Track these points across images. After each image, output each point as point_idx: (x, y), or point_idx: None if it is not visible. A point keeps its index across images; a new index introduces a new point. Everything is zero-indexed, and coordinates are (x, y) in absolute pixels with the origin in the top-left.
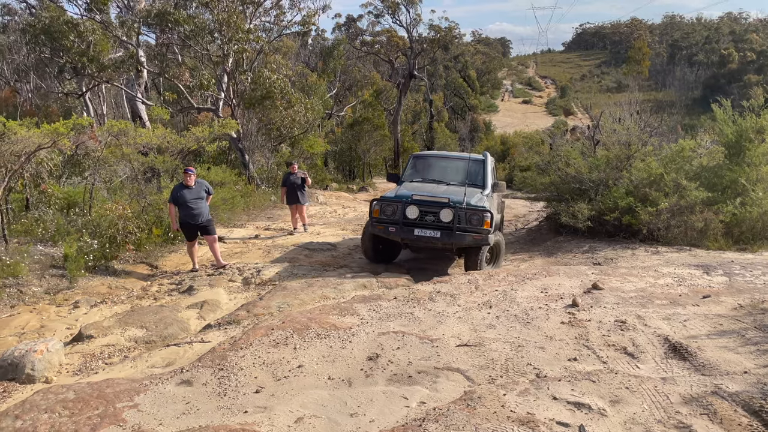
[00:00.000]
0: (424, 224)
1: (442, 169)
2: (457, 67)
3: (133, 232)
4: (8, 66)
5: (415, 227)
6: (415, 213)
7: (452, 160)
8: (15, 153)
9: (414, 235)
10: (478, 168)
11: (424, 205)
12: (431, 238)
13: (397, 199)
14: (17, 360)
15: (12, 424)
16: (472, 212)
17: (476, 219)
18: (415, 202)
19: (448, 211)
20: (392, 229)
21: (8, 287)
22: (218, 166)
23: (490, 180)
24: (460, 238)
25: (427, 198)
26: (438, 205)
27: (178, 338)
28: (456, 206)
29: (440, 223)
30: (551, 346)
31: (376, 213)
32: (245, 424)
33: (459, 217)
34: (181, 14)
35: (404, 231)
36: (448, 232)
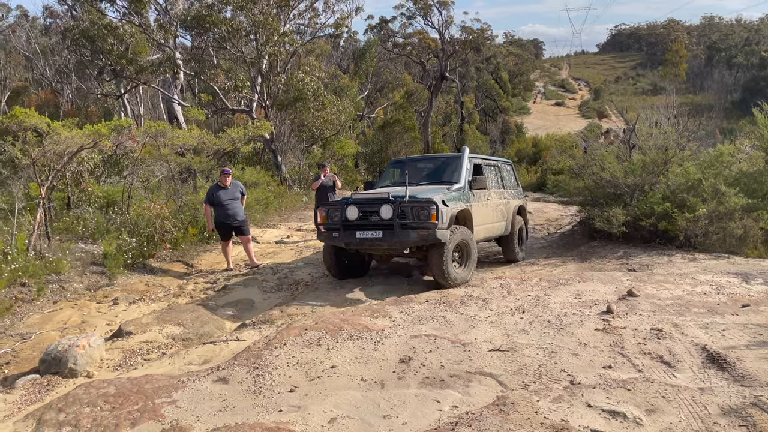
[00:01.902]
0: (365, 225)
1: (418, 171)
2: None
3: (170, 231)
4: (50, 67)
5: (357, 229)
6: (355, 213)
7: (429, 161)
8: (58, 153)
9: (356, 238)
10: (454, 165)
11: (365, 204)
12: (374, 239)
13: (339, 203)
14: (60, 354)
15: (55, 416)
16: (415, 206)
17: (420, 213)
18: (354, 201)
19: (388, 207)
20: (336, 234)
21: (51, 283)
22: (252, 167)
23: (464, 175)
24: (404, 236)
25: (366, 196)
26: (377, 202)
27: (214, 336)
28: (396, 201)
29: (382, 221)
30: (585, 352)
31: (323, 219)
32: (280, 422)
33: (401, 213)
34: (218, 17)
35: (347, 235)
36: (390, 231)
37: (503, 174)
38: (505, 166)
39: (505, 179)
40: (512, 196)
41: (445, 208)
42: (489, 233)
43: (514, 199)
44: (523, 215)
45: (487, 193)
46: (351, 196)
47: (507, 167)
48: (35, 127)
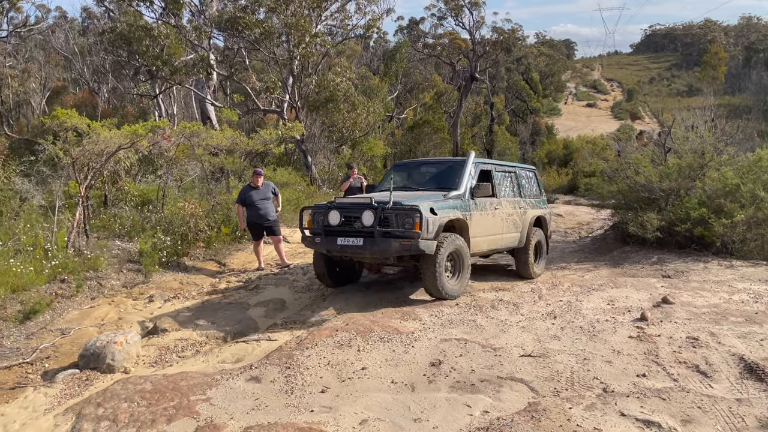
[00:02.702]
0: (348, 231)
1: (420, 175)
2: (520, 69)
3: (203, 230)
4: (88, 67)
5: (338, 235)
6: (337, 218)
7: (433, 165)
8: (97, 152)
9: (337, 245)
10: (457, 170)
11: (347, 209)
12: (355, 247)
13: (323, 206)
14: (99, 350)
15: (94, 411)
16: (397, 213)
17: (404, 221)
18: (336, 206)
19: (370, 213)
20: (318, 239)
21: (89, 280)
22: (283, 168)
23: (466, 181)
24: (385, 245)
25: (350, 200)
26: (359, 207)
27: (246, 335)
28: (379, 207)
29: (364, 228)
30: (619, 360)
31: (309, 223)
32: (312, 423)
33: (383, 220)
34: (251, 19)
35: (328, 241)
36: (372, 239)
37: (521, 181)
38: (524, 173)
39: (524, 187)
40: (531, 206)
41: (431, 217)
42: (495, 245)
43: (534, 208)
44: (543, 227)
45: (494, 202)
46: (335, 199)
47: (527, 173)
48: (75, 127)
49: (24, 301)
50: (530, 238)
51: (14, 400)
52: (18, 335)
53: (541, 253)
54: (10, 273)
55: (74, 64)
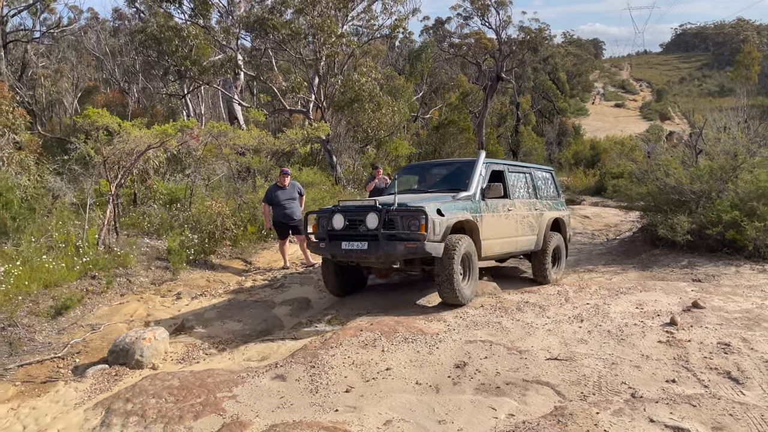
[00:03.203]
0: (352, 235)
1: (432, 177)
2: (547, 69)
3: (230, 228)
4: (118, 68)
5: (342, 239)
6: (341, 222)
7: (443, 166)
8: (127, 151)
9: (342, 249)
10: (467, 171)
11: (351, 212)
12: (360, 251)
13: (329, 209)
14: (128, 346)
15: (123, 406)
16: (402, 215)
17: (410, 223)
18: (341, 209)
19: (374, 216)
20: (323, 244)
21: (119, 276)
22: (308, 168)
23: (476, 182)
24: (390, 248)
25: (354, 203)
26: (364, 210)
27: (272, 333)
28: (383, 209)
29: (368, 231)
30: (647, 365)
31: (314, 228)
32: (336, 422)
33: (388, 222)
34: (278, 20)
35: (332, 245)
36: (376, 242)
37: (537, 182)
38: (539, 173)
39: (540, 188)
40: (547, 207)
41: (438, 218)
42: (509, 248)
43: (551, 210)
44: (562, 230)
45: (507, 203)
46: (339, 203)
47: (543, 174)
48: (107, 126)
49: (56, 296)
50: (548, 241)
51: (45, 394)
52: (50, 330)
53: (559, 259)
54: (43, 269)
55: (105, 64)
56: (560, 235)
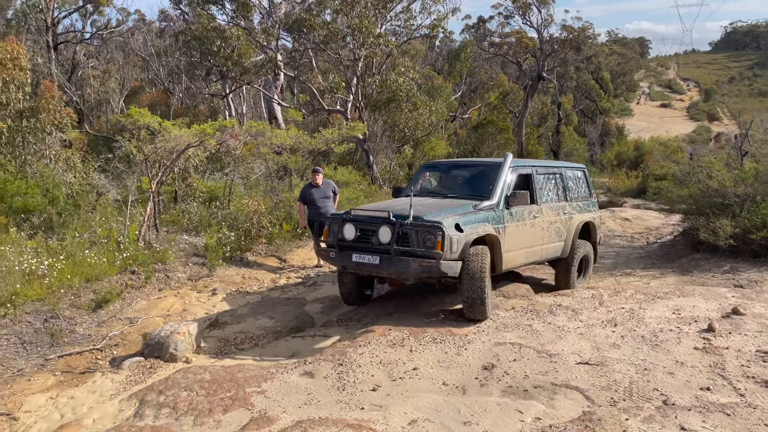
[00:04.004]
0: (364, 247)
1: (451, 179)
2: (590, 68)
3: (266, 226)
4: (163, 68)
5: (353, 251)
6: (353, 233)
7: (465, 168)
8: (168, 150)
9: (352, 262)
10: (490, 175)
11: (363, 221)
12: (371, 265)
13: (340, 216)
14: (163, 340)
15: (156, 398)
16: (418, 229)
17: (425, 238)
18: (352, 218)
19: (387, 229)
20: (333, 254)
21: (157, 272)
22: (344, 167)
23: (500, 189)
24: (402, 265)
25: (366, 212)
26: (377, 221)
27: (303, 330)
28: (397, 222)
29: (381, 245)
30: (681, 372)
31: (325, 234)
32: (361, 420)
33: (402, 236)
34: (316, 20)
35: (343, 256)
36: (388, 257)
37: (568, 183)
38: (571, 173)
39: (570, 189)
40: (578, 210)
41: (456, 235)
42: (533, 257)
43: (581, 213)
44: (592, 234)
45: (533, 209)
46: (351, 210)
47: (575, 173)
48: (148, 125)
49: (97, 290)
50: (575, 248)
51: (83, 384)
52: (90, 323)
53: (586, 268)
54: (85, 263)
55: (151, 64)
56: (589, 243)
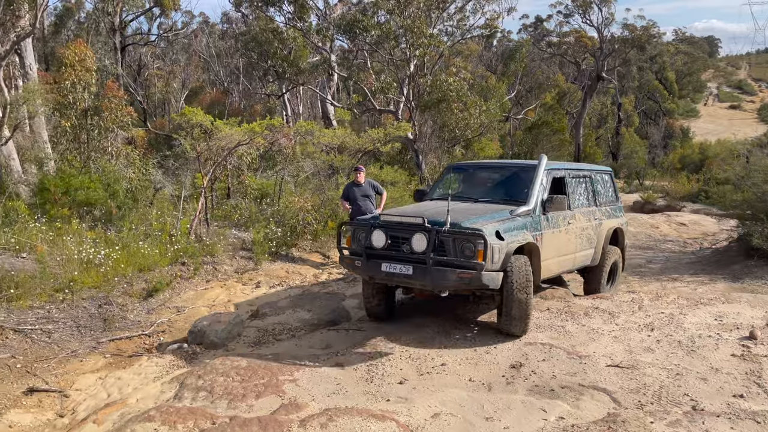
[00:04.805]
0: (395, 256)
1: (480, 182)
2: (654, 68)
3: (311, 223)
4: (223, 69)
5: (383, 260)
6: (382, 240)
7: (495, 170)
8: (220, 147)
9: (382, 272)
10: (525, 178)
11: (394, 228)
12: (403, 275)
13: (367, 222)
14: (205, 328)
15: (195, 382)
16: (457, 237)
17: (463, 247)
18: (382, 224)
19: (422, 237)
20: (359, 262)
21: (206, 264)
22: (391, 166)
23: (536, 194)
24: (440, 276)
25: (397, 218)
26: (410, 228)
27: (338, 324)
28: (434, 228)
29: (414, 254)
30: (715, 378)
31: (348, 242)
32: (386, 411)
33: (438, 245)
34: (369, 21)
35: (370, 266)
36: (423, 267)
37: (597, 187)
38: (600, 176)
39: (599, 194)
40: (606, 215)
41: (497, 243)
42: (566, 267)
43: (609, 218)
44: (620, 240)
45: (567, 215)
46: (380, 215)
47: (603, 177)
48: (201, 124)
49: (148, 279)
50: (605, 255)
51: (130, 366)
52: (140, 310)
53: (614, 276)
54: (139, 254)
55: (212, 66)
56: (618, 249)
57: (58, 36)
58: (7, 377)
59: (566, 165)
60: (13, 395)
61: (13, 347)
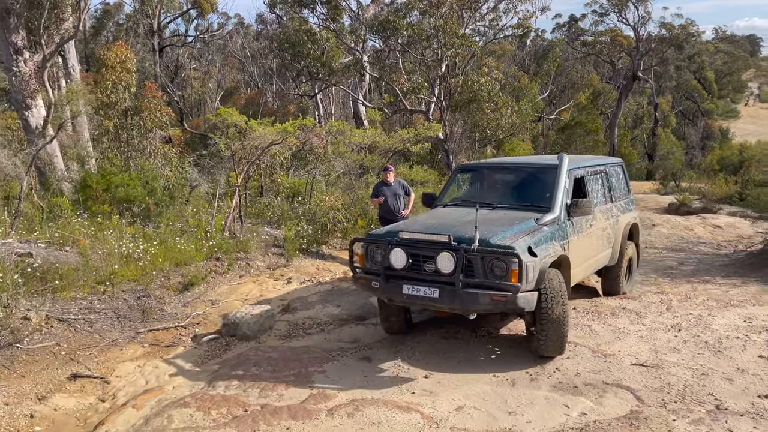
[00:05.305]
0: (417, 277)
1: (494, 184)
2: (692, 67)
3: (341, 221)
4: (258, 70)
5: (404, 282)
6: (403, 260)
7: (511, 170)
8: (254, 147)
9: (403, 294)
10: (545, 180)
11: (416, 246)
12: (428, 299)
13: (382, 238)
14: (238, 321)
15: (228, 371)
16: (487, 256)
17: (494, 266)
18: (402, 242)
19: (449, 257)
20: (376, 283)
21: (239, 260)
22: (421, 166)
23: (561, 198)
24: (470, 300)
25: (418, 235)
26: (434, 246)
27: (366, 319)
28: (461, 246)
29: (440, 274)
30: (741, 379)
31: (361, 260)
32: (411, 403)
33: (466, 265)
34: (402, 22)
35: (390, 287)
36: (451, 289)
37: (612, 181)
38: (613, 170)
39: (614, 189)
40: (621, 210)
41: (531, 261)
42: (590, 271)
43: (624, 213)
44: (635, 236)
45: (589, 217)
46: (398, 229)
47: (616, 170)
48: (235, 124)
49: (184, 274)
50: (624, 253)
51: (167, 356)
52: (177, 303)
53: (630, 272)
54: (176, 249)
55: (246, 66)
56: (633, 244)
57: (98, 37)
58: (52, 363)
59: (584, 162)
60: (58, 380)
61: (58, 335)
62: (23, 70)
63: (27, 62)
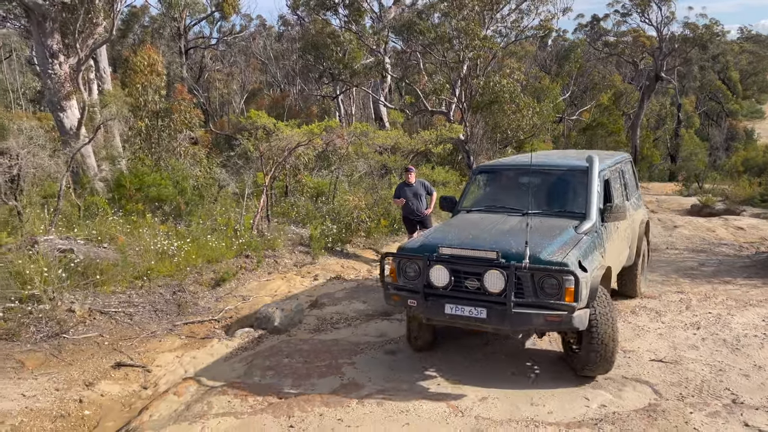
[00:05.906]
0: (460, 295)
1: (517, 187)
2: (716, 68)
3: (365, 221)
4: (280, 71)
5: (446, 300)
6: (446, 277)
7: (537, 173)
8: (281, 148)
9: (445, 314)
10: (575, 183)
11: (459, 262)
12: (474, 319)
13: (418, 253)
14: (270, 315)
15: (262, 362)
16: (537, 273)
17: (545, 284)
18: (442, 258)
19: (498, 275)
20: (412, 302)
21: (267, 257)
22: (442, 167)
23: (594, 203)
24: (521, 320)
25: (462, 251)
26: (479, 263)
27: (391, 315)
28: (511, 264)
29: (487, 293)
30: (758, 375)
31: (393, 275)
32: (437, 394)
33: (517, 284)
34: (424, 24)
35: (430, 306)
36: (501, 309)
37: (626, 178)
38: (626, 166)
39: (629, 186)
40: (635, 207)
41: (584, 276)
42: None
43: (637, 210)
44: (647, 233)
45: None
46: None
47: (628, 166)
48: (265, 126)
49: (216, 270)
50: (640, 251)
51: (203, 347)
52: (210, 298)
53: (643, 269)
54: (207, 247)
55: (269, 67)
56: (646, 240)
57: (125, 40)
58: (97, 353)
59: (607, 162)
60: (103, 368)
61: (101, 327)
62: (58, 73)
63: (62, 65)
